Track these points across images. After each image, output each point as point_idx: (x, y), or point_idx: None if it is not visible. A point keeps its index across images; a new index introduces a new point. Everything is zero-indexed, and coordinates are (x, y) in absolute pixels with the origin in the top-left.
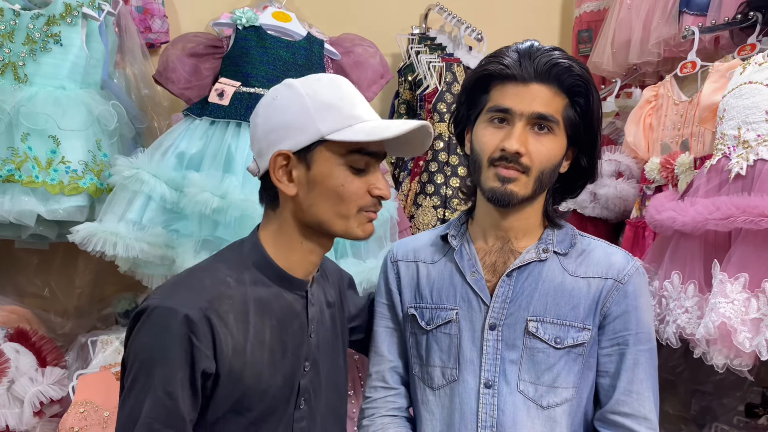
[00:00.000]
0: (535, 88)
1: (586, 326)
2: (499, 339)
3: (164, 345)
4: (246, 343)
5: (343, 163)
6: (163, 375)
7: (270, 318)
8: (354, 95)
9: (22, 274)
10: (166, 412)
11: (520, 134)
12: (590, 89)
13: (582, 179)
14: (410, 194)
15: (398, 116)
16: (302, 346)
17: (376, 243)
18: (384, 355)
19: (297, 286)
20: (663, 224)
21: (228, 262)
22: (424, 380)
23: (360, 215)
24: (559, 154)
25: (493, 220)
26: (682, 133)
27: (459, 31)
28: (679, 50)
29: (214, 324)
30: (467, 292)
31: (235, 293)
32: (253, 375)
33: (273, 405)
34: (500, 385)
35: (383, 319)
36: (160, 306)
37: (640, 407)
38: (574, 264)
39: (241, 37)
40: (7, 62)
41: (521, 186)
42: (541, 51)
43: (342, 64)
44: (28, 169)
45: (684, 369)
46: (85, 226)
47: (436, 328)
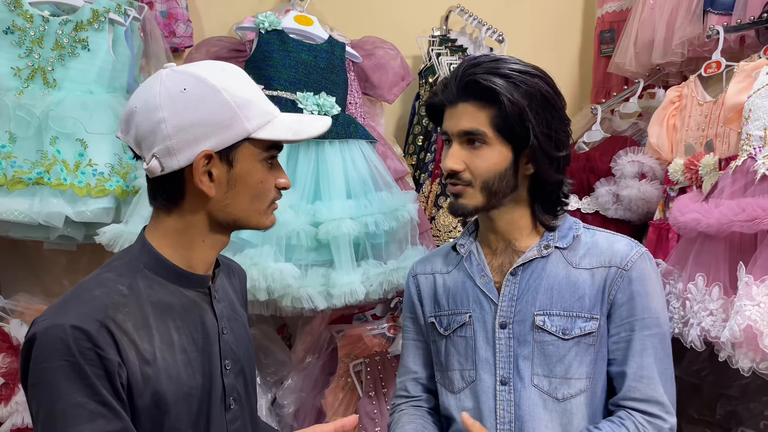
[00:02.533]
0: (460, 107)
1: (593, 316)
2: (510, 336)
3: (70, 362)
4: (154, 350)
5: (263, 159)
6: (87, 390)
7: (173, 319)
8: (257, 87)
9: (50, 274)
10: (106, 422)
11: (453, 153)
12: (500, 95)
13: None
14: (431, 196)
15: (419, 118)
16: (216, 344)
17: (396, 245)
18: (408, 366)
19: (197, 283)
20: (687, 226)
21: (117, 270)
22: (446, 385)
23: (269, 208)
24: (501, 162)
25: (486, 226)
26: (707, 133)
27: (480, 32)
28: (704, 50)
29: (115, 334)
30: (478, 294)
31: (130, 300)
32: (170, 380)
33: (202, 408)
34: (515, 381)
35: (409, 332)
36: (51, 326)
37: (652, 392)
38: (577, 256)
39: (263, 41)
40: (36, 67)
41: (469, 198)
42: (460, 69)
43: (363, 66)
44: (56, 172)
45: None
46: (111, 227)
47: (453, 333)
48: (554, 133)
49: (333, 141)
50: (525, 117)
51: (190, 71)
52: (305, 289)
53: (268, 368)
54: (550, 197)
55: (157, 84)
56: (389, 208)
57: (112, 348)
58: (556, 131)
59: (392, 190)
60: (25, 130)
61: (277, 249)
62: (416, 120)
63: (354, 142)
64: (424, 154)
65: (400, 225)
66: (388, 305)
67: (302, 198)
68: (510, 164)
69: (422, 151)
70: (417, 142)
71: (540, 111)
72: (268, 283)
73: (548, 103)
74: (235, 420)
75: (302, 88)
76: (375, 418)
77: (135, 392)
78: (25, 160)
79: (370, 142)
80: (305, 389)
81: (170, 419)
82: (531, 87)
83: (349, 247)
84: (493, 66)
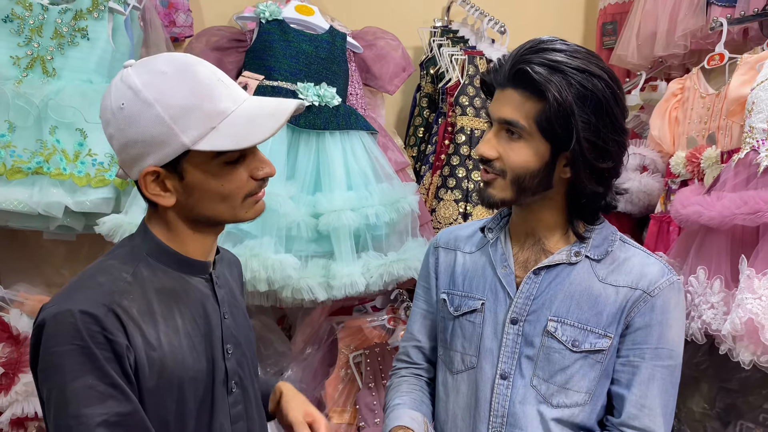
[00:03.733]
0: (507, 92)
1: (607, 334)
2: (519, 334)
3: (80, 346)
4: (159, 335)
5: (217, 163)
6: (97, 372)
7: (177, 304)
8: (209, 82)
9: (50, 264)
10: (117, 403)
11: (489, 139)
12: (548, 91)
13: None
14: (431, 188)
15: (420, 110)
16: (219, 329)
17: (397, 237)
18: (413, 334)
19: (199, 269)
20: (689, 219)
21: (120, 258)
22: (446, 363)
23: (246, 201)
24: (534, 160)
25: (518, 217)
26: (709, 126)
27: (482, 23)
28: (707, 42)
29: (122, 318)
30: (495, 284)
31: (134, 287)
32: (176, 364)
33: (207, 391)
34: (515, 377)
35: (419, 300)
36: (60, 312)
37: (651, 423)
38: (606, 270)
39: (264, 31)
40: (36, 56)
41: (498, 189)
42: (516, 53)
43: (364, 57)
44: (56, 162)
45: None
46: (111, 217)
47: (462, 315)
48: (602, 141)
49: (334, 132)
50: (571, 119)
51: (132, 81)
52: (305, 281)
53: (267, 359)
54: (587, 207)
55: (109, 95)
56: (390, 200)
57: (120, 332)
58: (605, 140)
59: (393, 182)
60: (24, 120)
61: (277, 240)
62: (417, 111)
63: (355, 133)
64: (425, 145)
65: (401, 217)
66: (388, 297)
67: (302, 189)
68: (545, 164)
69: (423, 143)
70: (418, 134)
71: (591, 116)
72: (268, 274)
73: (602, 109)
74: (237, 403)
75: (303, 78)
76: (374, 410)
77: (142, 376)
78: (24, 149)
79: (370, 133)
80: (305, 380)
81: (177, 402)
82: (587, 88)
83: (349, 238)
84: (551, 57)
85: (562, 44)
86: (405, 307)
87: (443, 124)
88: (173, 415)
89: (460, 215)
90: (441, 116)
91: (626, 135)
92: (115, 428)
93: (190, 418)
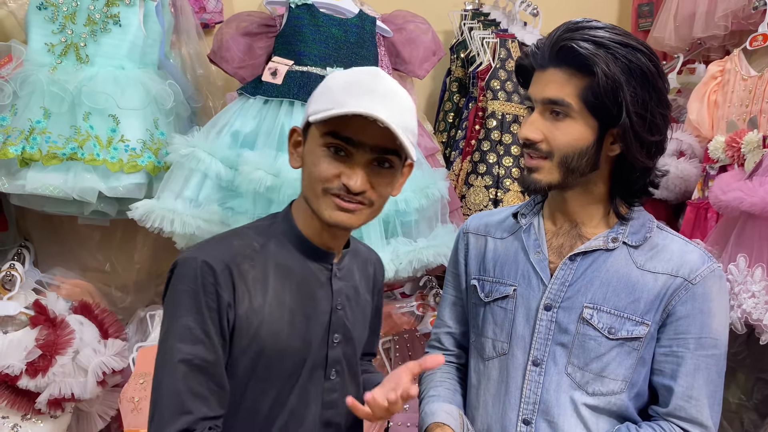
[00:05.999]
0: (549, 72)
1: (644, 321)
2: (552, 320)
3: (193, 290)
4: (264, 303)
5: (322, 144)
6: (196, 315)
7: (290, 283)
8: (363, 84)
9: (85, 249)
10: (204, 348)
11: (533, 121)
12: (596, 65)
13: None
14: (461, 174)
15: (450, 95)
16: (327, 316)
17: (426, 223)
18: (444, 320)
19: (321, 257)
20: (729, 205)
21: (258, 230)
22: (478, 349)
23: (327, 197)
24: (582, 139)
25: (556, 202)
26: (750, 110)
27: (514, 6)
28: (749, 22)
29: (235, 278)
30: (528, 270)
31: (258, 257)
32: (270, 334)
33: (295, 369)
34: (548, 364)
35: (449, 286)
36: (188, 257)
37: (698, 414)
38: (644, 257)
39: (293, 16)
40: (69, 43)
41: (545, 173)
42: (557, 32)
43: (394, 41)
44: (90, 148)
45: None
46: (143, 203)
47: (494, 302)
48: (650, 115)
49: None
50: (619, 93)
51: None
52: None
53: None
54: (634, 185)
55: None
56: (419, 186)
57: (228, 289)
58: (652, 113)
59: (422, 168)
60: (59, 106)
61: None
62: (447, 96)
63: None
64: (455, 131)
65: (431, 203)
66: (417, 283)
67: None
68: (593, 142)
69: (453, 129)
70: (447, 119)
71: (638, 89)
72: None
73: (648, 82)
74: (333, 391)
75: (332, 63)
76: None
77: (237, 334)
78: (59, 135)
79: None
80: None
81: (262, 368)
82: (632, 62)
83: (378, 224)
84: (593, 34)
85: (598, 23)
86: (434, 293)
87: (474, 108)
88: (255, 380)
89: (491, 201)
90: (471, 101)
91: (670, 109)
92: (195, 370)
93: (271, 388)
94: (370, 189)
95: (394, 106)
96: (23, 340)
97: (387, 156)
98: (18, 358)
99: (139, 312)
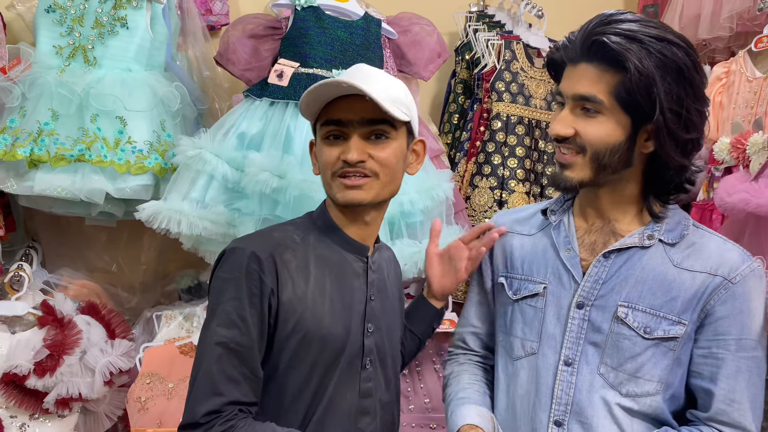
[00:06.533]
0: (581, 67)
1: (681, 320)
2: (585, 319)
3: (237, 277)
4: (306, 290)
5: (321, 137)
6: (235, 302)
7: (330, 272)
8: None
9: (92, 250)
10: (239, 333)
11: (563, 117)
12: (628, 60)
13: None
14: (466, 175)
15: (455, 96)
16: (363, 306)
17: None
18: (468, 319)
19: (356, 250)
20: (735, 207)
21: (296, 225)
22: (506, 349)
23: (335, 181)
24: (616, 134)
25: (588, 199)
26: (756, 111)
27: (518, 7)
28: (754, 24)
29: (278, 266)
30: (558, 267)
31: (299, 247)
32: (314, 319)
33: (335, 357)
34: (581, 364)
35: (475, 284)
36: (235, 248)
37: (740, 418)
38: (680, 255)
39: (299, 18)
40: (77, 46)
41: (577, 170)
42: (589, 26)
43: (399, 43)
44: (97, 149)
45: None
46: (151, 204)
47: (522, 299)
48: (685, 111)
49: None
50: (653, 89)
51: None
52: None
53: None
54: (669, 183)
55: None
56: (424, 187)
57: (272, 276)
58: (688, 110)
59: (428, 169)
60: (67, 108)
61: None
62: (452, 98)
63: None
64: (460, 132)
65: (436, 204)
66: (422, 284)
67: None
68: (626, 138)
69: (457, 130)
70: (452, 121)
71: (673, 85)
72: None
73: (684, 78)
74: (369, 380)
75: (338, 65)
76: (408, 396)
77: (281, 319)
78: (67, 137)
79: None
80: None
81: (304, 353)
82: (667, 56)
83: (384, 225)
84: (627, 27)
85: (632, 15)
86: None
87: (479, 110)
88: (298, 370)
89: (495, 203)
90: (476, 102)
91: (707, 104)
92: (230, 353)
93: (312, 378)
94: (369, 159)
95: (372, 79)
96: (31, 340)
97: (378, 127)
98: (26, 358)
99: (146, 312)
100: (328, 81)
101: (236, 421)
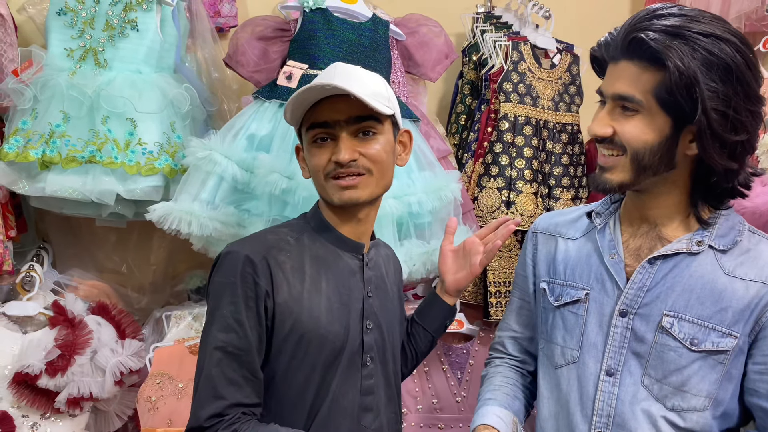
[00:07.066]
0: (622, 65)
1: (732, 332)
2: (628, 327)
3: (232, 282)
4: (302, 290)
5: (309, 141)
6: (231, 306)
7: (326, 272)
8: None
9: (102, 250)
10: (237, 337)
11: (602, 117)
12: (668, 59)
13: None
14: (473, 176)
15: (462, 97)
16: (360, 304)
17: (439, 225)
18: (508, 323)
19: (352, 248)
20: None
21: (290, 227)
22: (547, 356)
23: (329, 183)
24: (655, 135)
25: (633, 202)
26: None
27: (526, 8)
28: (762, 24)
29: (272, 267)
30: (602, 273)
31: (293, 249)
32: (311, 319)
33: (335, 356)
34: (623, 375)
35: (517, 289)
36: (229, 252)
37: None
38: (733, 262)
39: (308, 20)
40: (88, 48)
41: (617, 172)
42: (630, 22)
43: (407, 44)
44: (108, 151)
45: None
46: (161, 205)
47: (564, 306)
48: (733, 111)
49: None
50: (695, 88)
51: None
52: None
53: None
54: (716, 187)
55: None
56: (432, 188)
57: (266, 278)
58: (737, 110)
59: (435, 170)
60: (78, 110)
61: None
62: (459, 99)
63: None
64: (467, 133)
65: (444, 205)
66: (430, 285)
67: None
68: (666, 139)
69: (465, 131)
70: (460, 122)
71: (719, 83)
72: None
73: (732, 76)
74: (370, 377)
75: None
76: (416, 396)
77: (278, 320)
78: (78, 138)
79: (413, 121)
80: None
81: (304, 355)
82: (714, 54)
83: (392, 226)
84: (669, 23)
85: (680, 9)
86: None
87: (486, 111)
88: (299, 369)
89: (503, 203)
90: (484, 103)
91: (762, 104)
92: (228, 356)
93: (314, 377)
94: (360, 157)
95: (353, 77)
96: (42, 340)
97: (365, 124)
98: (37, 358)
99: (155, 312)
100: (311, 85)
101: (240, 424)
